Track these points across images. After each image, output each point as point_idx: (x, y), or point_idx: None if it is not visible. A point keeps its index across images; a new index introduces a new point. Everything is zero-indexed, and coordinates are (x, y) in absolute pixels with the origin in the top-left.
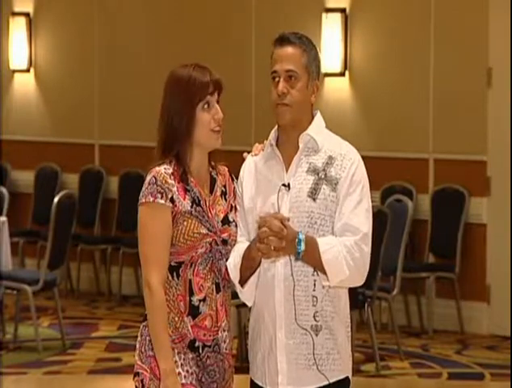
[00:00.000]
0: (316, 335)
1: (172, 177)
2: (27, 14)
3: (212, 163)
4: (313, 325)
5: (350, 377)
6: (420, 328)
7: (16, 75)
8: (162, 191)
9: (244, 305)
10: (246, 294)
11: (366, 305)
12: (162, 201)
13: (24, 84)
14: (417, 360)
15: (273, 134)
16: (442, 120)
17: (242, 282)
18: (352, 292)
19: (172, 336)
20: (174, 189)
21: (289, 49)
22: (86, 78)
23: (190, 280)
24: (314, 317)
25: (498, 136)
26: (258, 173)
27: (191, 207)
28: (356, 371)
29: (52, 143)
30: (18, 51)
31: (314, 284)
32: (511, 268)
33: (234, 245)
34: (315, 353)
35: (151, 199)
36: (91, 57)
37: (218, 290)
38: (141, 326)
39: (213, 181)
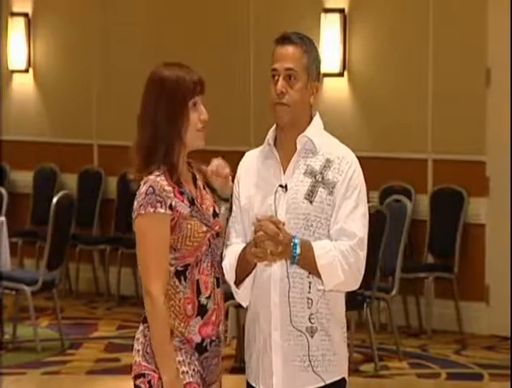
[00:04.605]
0: (312, 336)
1: (167, 183)
2: (25, 15)
3: (188, 160)
4: (308, 327)
5: (347, 377)
6: (419, 328)
7: (15, 75)
8: (161, 199)
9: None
10: (242, 295)
11: (365, 305)
12: (163, 210)
13: (23, 84)
14: (415, 360)
15: (271, 133)
16: (440, 121)
17: (238, 283)
18: (351, 292)
19: (180, 337)
20: (172, 195)
21: (290, 49)
22: (85, 79)
23: (197, 280)
24: (309, 319)
25: (497, 136)
26: (256, 172)
27: (189, 207)
28: (355, 371)
29: (51, 143)
30: (17, 51)
31: (309, 287)
32: (510, 268)
33: (223, 236)
34: (310, 355)
35: (151, 209)
36: (90, 58)
37: (218, 284)
38: (143, 327)
39: (194, 176)
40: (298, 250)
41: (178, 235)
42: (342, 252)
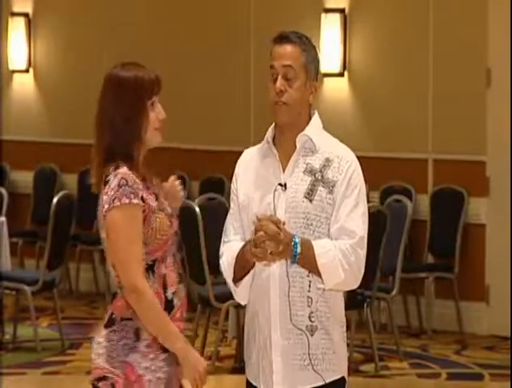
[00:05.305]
0: (312, 335)
1: (136, 176)
2: (26, 15)
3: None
4: (309, 325)
5: (346, 376)
6: (419, 328)
7: (15, 75)
8: (134, 191)
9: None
10: (240, 294)
11: (365, 305)
12: (137, 201)
13: (23, 84)
14: (416, 360)
15: (270, 132)
16: (441, 121)
17: (236, 281)
18: (351, 292)
19: (147, 339)
20: (142, 187)
21: (288, 48)
22: (85, 79)
23: (164, 275)
24: (309, 317)
25: (497, 136)
26: (255, 170)
27: (156, 201)
28: (355, 371)
29: (51, 143)
30: (18, 51)
31: (309, 285)
32: (511, 268)
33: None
34: (310, 353)
35: (126, 201)
36: (90, 58)
37: (181, 280)
38: (107, 332)
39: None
40: (299, 249)
41: (148, 229)
42: (342, 251)
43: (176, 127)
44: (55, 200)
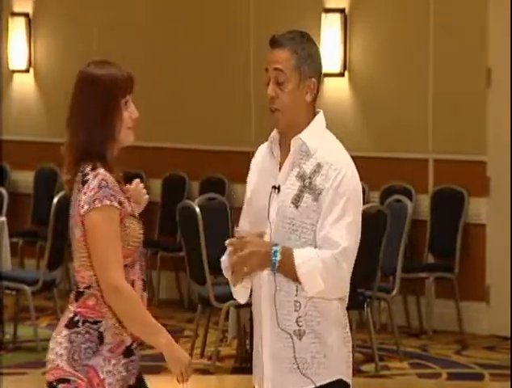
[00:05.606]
0: (300, 339)
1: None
2: (26, 15)
3: None
4: (296, 330)
5: (347, 379)
6: (419, 328)
7: (15, 75)
8: (114, 193)
9: (243, 305)
10: (239, 293)
11: (365, 305)
12: (116, 204)
13: (23, 84)
14: (416, 360)
15: (275, 131)
16: (441, 121)
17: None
18: (351, 292)
19: (110, 344)
20: (119, 190)
21: (278, 52)
22: None
23: (132, 281)
24: (297, 322)
25: (498, 136)
26: (260, 168)
27: (130, 205)
28: (355, 371)
29: (52, 143)
30: (18, 51)
31: (296, 290)
32: (511, 268)
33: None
34: (297, 357)
35: (107, 202)
36: (90, 58)
37: (145, 288)
38: (68, 332)
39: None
40: (279, 257)
41: (123, 233)
42: (323, 261)
43: (176, 127)
44: (55, 200)
